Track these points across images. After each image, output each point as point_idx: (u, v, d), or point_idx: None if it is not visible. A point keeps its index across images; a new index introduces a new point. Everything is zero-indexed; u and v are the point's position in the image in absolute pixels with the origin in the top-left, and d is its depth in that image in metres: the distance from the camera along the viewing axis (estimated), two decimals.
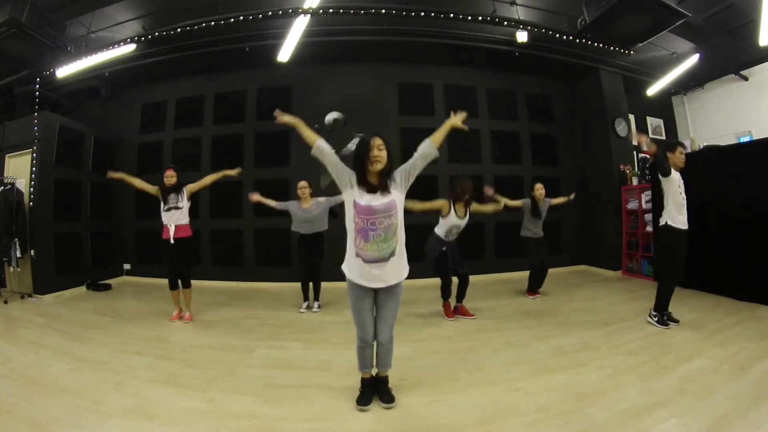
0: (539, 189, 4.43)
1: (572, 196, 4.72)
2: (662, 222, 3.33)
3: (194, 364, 2.70)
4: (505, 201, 4.21)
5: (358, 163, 1.93)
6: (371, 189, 1.91)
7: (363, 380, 2.17)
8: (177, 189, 3.73)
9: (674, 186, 3.26)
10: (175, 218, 3.70)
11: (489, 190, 4.26)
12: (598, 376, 2.39)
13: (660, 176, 3.29)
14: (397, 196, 1.94)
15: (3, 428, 1.86)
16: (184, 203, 3.76)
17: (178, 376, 2.51)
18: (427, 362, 2.71)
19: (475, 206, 3.72)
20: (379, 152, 1.90)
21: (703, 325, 3.29)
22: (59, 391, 2.25)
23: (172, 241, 3.67)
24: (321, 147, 1.99)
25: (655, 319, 3.31)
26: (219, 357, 2.85)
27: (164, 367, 2.64)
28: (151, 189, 3.76)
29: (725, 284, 4.20)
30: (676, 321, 3.35)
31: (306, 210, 4.04)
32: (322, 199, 4.09)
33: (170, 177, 3.70)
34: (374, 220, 1.88)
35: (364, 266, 1.92)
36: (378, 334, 2.08)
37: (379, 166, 1.90)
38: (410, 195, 2.12)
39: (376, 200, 1.89)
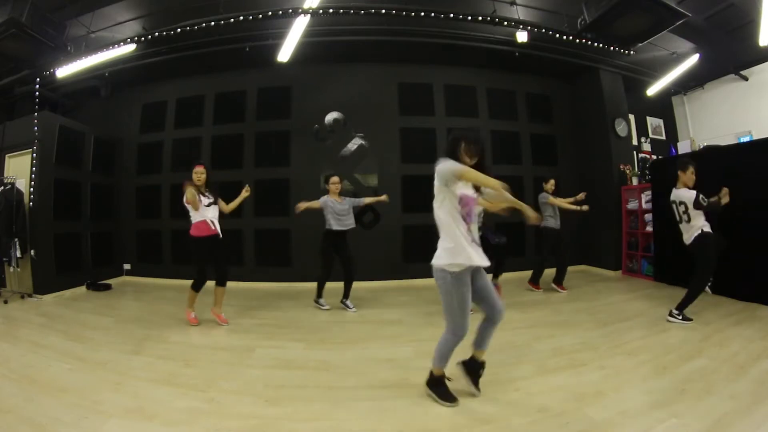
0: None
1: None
2: (702, 231, 3.39)
3: (194, 364, 2.70)
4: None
5: (453, 155, 2.00)
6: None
7: (440, 377, 2.16)
8: (209, 187, 3.57)
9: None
10: (215, 213, 3.55)
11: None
12: (598, 376, 2.39)
13: (693, 208, 3.39)
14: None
15: (3, 428, 1.86)
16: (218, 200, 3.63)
17: (178, 376, 2.51)
18: (427, 362, 2.69)
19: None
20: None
21: (703, 325, 3.30)
22: (59, 391, 2.25)
23: (220, 236, 3.55)
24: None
25: (680, 317, 3.40)
26: (219, 357, 2.85)
27: (164, 367, 2.64)
28: (189, 194, 3.38)
29: (725, 284, 4.20)
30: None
31: (340, 204, 4.10)
32: (347, 198, 4.23)
33: (200, 173, 3.50)
34: (470, 209, 2.02)
35: (477, 249, 1.99)
36: (499, 306, 2.11)
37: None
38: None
39: (470, 190, 2.05)
